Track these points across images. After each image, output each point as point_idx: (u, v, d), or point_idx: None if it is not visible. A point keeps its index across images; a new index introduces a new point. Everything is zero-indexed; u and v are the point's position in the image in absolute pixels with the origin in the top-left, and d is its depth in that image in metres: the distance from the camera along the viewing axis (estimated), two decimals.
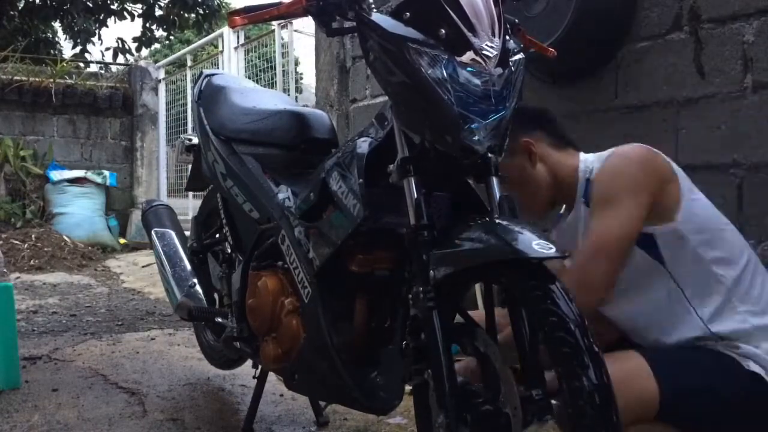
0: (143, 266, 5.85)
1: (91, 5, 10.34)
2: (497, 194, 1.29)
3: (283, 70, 5.52)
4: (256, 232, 1.80)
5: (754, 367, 1.41)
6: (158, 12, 10.94)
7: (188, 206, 6.61)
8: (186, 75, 7.26)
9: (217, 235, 2.22)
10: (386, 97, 1.41)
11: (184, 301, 2.14)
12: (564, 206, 1.67)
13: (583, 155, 1.62)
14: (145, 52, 11.76)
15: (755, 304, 1.46)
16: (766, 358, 1.41)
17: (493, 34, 1.28)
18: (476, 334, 1.27)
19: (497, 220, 1.23)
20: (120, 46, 11.00)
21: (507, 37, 1.32)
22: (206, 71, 2.24)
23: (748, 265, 1.49)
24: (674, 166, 1.53)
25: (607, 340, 1.54)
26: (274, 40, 5.72)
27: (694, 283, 1.47)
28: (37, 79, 7.22)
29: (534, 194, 1.62)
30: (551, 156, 1.61)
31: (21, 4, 10.21)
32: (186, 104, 7.01)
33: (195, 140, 2.20)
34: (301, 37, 5.39)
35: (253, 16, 1.43)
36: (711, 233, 1.49)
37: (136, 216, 7.17)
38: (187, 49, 7.72)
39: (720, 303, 1.45)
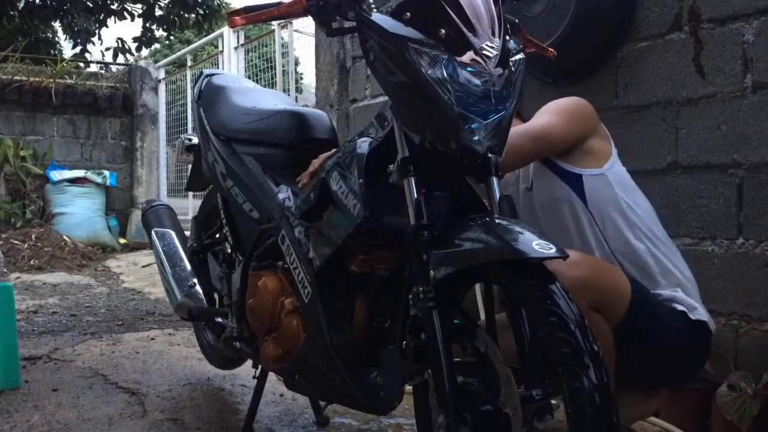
0: (143, 266, 5.85)
1: (91, 5, 10.34)
2: (497, 194, 1.29)
3: (283, 70, 5.52)
4: (256, 232, 1.80)
5: (680, 307, 1.60)
6: (158, 12, 10.95)
7: (188, 206, 6.61)
8: (186, 75, 7.26)
9: (217, 235, 2.22)
10: (386, 97, 1.41)
11: (184, 301, 2.14)
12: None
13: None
14: (145, 52, 11.80)
15: (667, 249, 1.67)
16: (684, 297, 1.62)
17: (493, 34, 1.28)
18: (476, 334, 1.27)
19: (497, 220, 1.23)
20: (120, 46, 11.01)
21: (507, 37, 1.32)
22: (206, 71, 2.24)
23: (656, 223, 1.70)
24: (608, 132, 1.77)
25: None
26: (274, 40, 5.71)
27: (611, 227, 1.65)
28: (37, 79, 7.20)
29: None
30: None
31: (21, 4, 10.22)
32: (186, 104, 7.01)
33: (195, 140, 2.20)
34: (301, 37, 5.39)
35: (253, 16, 1.44)
36: (632, 191, 1.71)
37: (136, 216, 7.17)
38: (187, 49, 7.72)
39: (632, 248, 1.64)
